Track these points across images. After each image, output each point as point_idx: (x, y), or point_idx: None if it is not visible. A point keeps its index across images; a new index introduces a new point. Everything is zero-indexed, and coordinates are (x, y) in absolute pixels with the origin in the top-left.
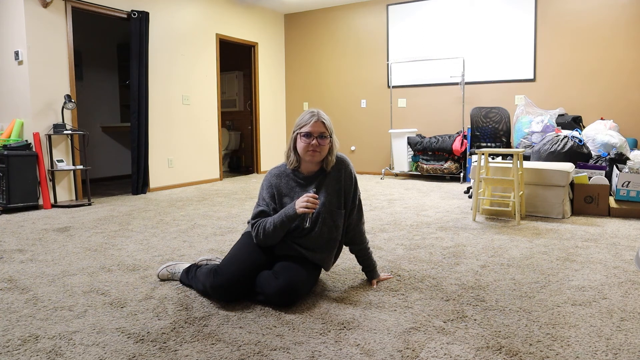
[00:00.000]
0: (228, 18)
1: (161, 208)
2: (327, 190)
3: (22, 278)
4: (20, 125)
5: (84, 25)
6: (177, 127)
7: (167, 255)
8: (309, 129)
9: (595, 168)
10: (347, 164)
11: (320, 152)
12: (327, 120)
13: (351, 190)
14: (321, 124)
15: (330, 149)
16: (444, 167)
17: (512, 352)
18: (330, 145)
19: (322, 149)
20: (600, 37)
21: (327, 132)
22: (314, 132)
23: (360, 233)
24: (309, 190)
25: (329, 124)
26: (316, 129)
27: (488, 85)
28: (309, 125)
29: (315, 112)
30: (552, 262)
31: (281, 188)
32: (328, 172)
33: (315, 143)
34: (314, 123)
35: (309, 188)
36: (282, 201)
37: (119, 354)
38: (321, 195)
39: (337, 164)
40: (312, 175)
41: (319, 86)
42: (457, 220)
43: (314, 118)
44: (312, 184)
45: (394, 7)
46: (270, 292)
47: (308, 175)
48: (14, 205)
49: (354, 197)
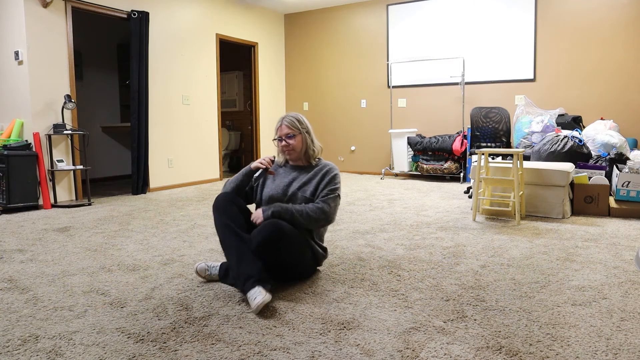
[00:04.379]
0: (228, 18)
1: (161, 208)
2: (306, 177)
3: (22, 278)
4: (20, 125)
5: (84, 25)
6: (177, 127)
7: (167, 255)
8: (277, 135)
9: (595, 168)
10: (333, 169)
11: (293, 150)
12: (293, 121)
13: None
14: (285, 126)
15: (306, 144)
16: (444, 167)
17: (512, 352)
18: (304, 140)
19: (293, 146)
20: (600, 37)
21: (293, 131)
22: (281, 135)
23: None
24: (288, 177)
25: (295, 124)
26: (282, 132)
27: (488, 85)
28: (277, 131)
29: (282, 117)
30: (552, 262)
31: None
32: (314, 167)
33: (285, 144)
34: (279, 128)
35: (289, 175)
36: (266, 182)
37: (119, 354)
38: (299, 179)
39: (324, 166)
40: (299, 166)
41: (319, 86)
42: (457, 220)
43: (278, 124)
44: (295, 172)
45: (394, 7)
46: (256, 233)
47: (295, 165)
48: (14, 205)
49: (327, 185)
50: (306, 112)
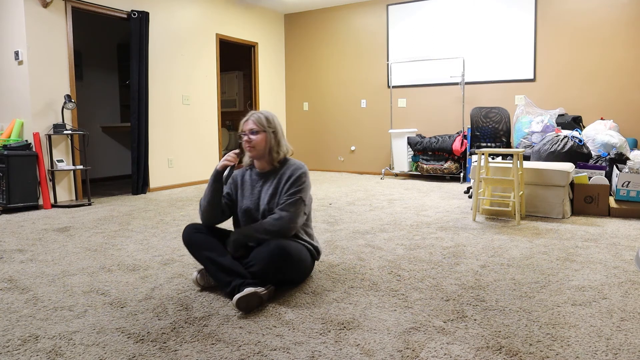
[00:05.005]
0: (228, 18)
1: (161, 208)
2: (272, 187)
3: (22, 278)
4: (20, 125)
5: (84, 25)
6: (177, 127)
7: (167, 255)
8: (241, 129)
9: (595, 168)
10: (296, 170)
11: (254, 147)
12: (260, 118)
13: (287, 190)
14: (251, 122)
15: (270, 144)
16: (444, 167)
17: (512, 352)
18: (268, 139)
19: (255, 143)
20: (600, 37)
21: (257, 128)
22: (245, 130)
23: (273, 216)
24: (257, 188)
25: (262, 121)
26: (246, 127)
27: (488, 85)
28: (241, 126)
29: (250, 114)
30: (552, 262)
31: (238, 180)
32: (280, 172)
33: (247, 139)
34: (244, 123)
35: (257, 185)
36: (237, 193)
37: (119, 354)
38: (266, 191)
39: (288, 167)
40: (264, 172)
41: (318, 86)
42: (457, 220)
43: (245, 119)
44: (262, 181)
45: (394, 7)
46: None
47: (261, 172)
48: (14, 205)
49: (288, 189)
50: (306, 112)
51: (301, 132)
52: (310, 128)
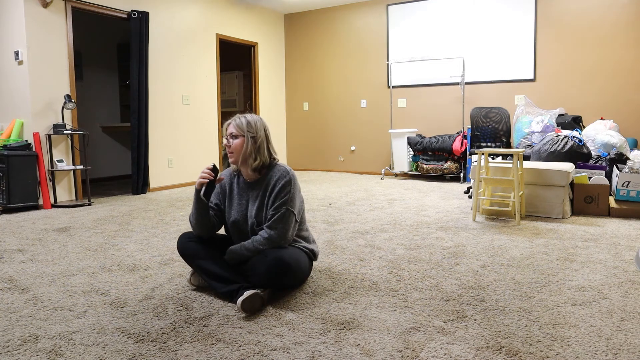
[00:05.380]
0: (228, 18)
1: (161, 208)
2: (258, 200)
3: (22, 278)
4: (20, 125)
5: (84, 25)
6: (177, 127)
7: (167, 255)
8: (224, 134)
9: (595, 168)
10: (280, 178)
11: (232, 152)
12: (241, 123)
13: (272, 204)
14: (232, 126)
15: (246, 149)
16: (444, 167)
17: (512, 352)
18: (246, 145)
19: (234, 148)
20: (600, 37)
21: (236, 132)
22: (226, 135)
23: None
24: (244, 197)
25: (242, 125)
26: (227, 132)
27: (488, 85)
28: (224, 129)
29: (234, 117)
30: (552, 262)
31: (226, 189)
32: (265, 180)
33: (227, 143)
34: (226, 127)
35: (244, 194)
36: (226, 202)
37: (119, 354)
38: (253, 202)
39: (272, 176)
40: (252, 182)
41: (319, 86)
42: (457, 220)
43: (228, 122)
44: (248, 190)
45: (394, 7)
46: (260, 271)
47: (248, 181)
48: (14, 205)
49: (274, 201)
50: (306, 112)
51: (301, 132)
52: (311, 128)
